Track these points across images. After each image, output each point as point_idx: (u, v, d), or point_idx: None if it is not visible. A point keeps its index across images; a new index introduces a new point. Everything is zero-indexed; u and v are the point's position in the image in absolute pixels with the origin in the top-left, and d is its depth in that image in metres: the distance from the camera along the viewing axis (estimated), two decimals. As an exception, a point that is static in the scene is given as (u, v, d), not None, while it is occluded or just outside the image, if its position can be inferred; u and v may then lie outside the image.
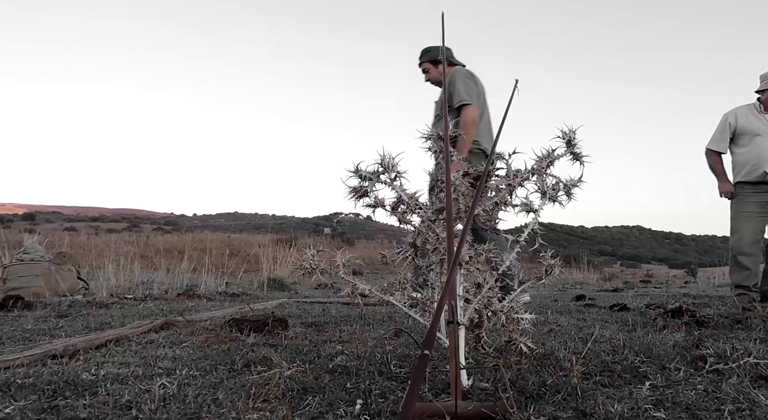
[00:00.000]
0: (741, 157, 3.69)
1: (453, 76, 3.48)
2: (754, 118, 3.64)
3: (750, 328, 2.02)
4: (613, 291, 5.56)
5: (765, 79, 3.63)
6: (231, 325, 1.99)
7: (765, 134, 3.58)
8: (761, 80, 3.64)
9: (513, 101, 1.54)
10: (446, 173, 1.43)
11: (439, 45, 3.64)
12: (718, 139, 3.80)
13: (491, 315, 1.46)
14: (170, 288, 4.53)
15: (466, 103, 3.34)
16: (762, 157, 3.56)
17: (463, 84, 3.41)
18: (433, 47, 3.67)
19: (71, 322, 2.25)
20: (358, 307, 2.92)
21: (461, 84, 3.41)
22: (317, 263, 1.51)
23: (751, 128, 3.63)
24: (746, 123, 3.65)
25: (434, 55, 3.64)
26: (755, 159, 3.59)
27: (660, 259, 47.87)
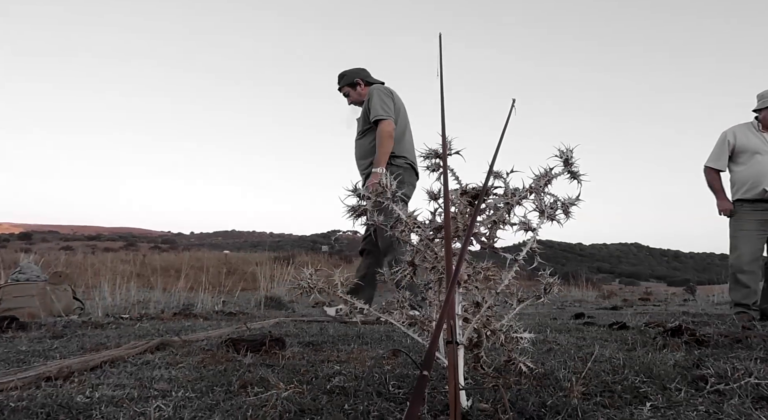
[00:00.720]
0: (740, 175, 3.71)
1: (371, 93, 3.64)
2: (752, 137, 3.67)
3: (750, 347, 2.01)
4: (612, 309, 5.54)
5: (762, 98, 3.67)
6: (228, 345, 1.97)
7: (764, 152, 3.60)
8: (758, 99, 3.69)
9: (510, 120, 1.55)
10: (444, 191, 1.43)
11: (353, 68, 3.79)
12: (718, 157, 3.82)
13: (490, 334, 1.45)
14: (166, 307, 4.50)
15: (381, 118, 3.48)
16: (761, 175, 3.58)
17: (379, 100, 3.56)
18: (348, 71, 3.81)
19: (66, 343, 2.23)
20: (356, 326, 2.89)
21: (377, 100, 3.56)
22: (315, 283, 1.50)
23: (750, 146, 3.65)
24: (745, 141, 3.68)
25: (350, 78, 3.79)
26: (754, 177, 3.61)
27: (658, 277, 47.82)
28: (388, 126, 3.47)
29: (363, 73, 3.82)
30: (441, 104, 1.49)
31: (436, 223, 1.55)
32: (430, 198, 1.61)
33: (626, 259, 74.40)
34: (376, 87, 3.66)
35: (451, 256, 1.29)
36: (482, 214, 1.53)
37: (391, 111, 3.54)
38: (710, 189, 3.89)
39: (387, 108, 3.53)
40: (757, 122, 3.70)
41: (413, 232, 1.56)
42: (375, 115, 3.50)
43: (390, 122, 3.48)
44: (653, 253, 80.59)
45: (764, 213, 3.63)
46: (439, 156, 1.58)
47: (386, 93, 3.63)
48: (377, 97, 3.57)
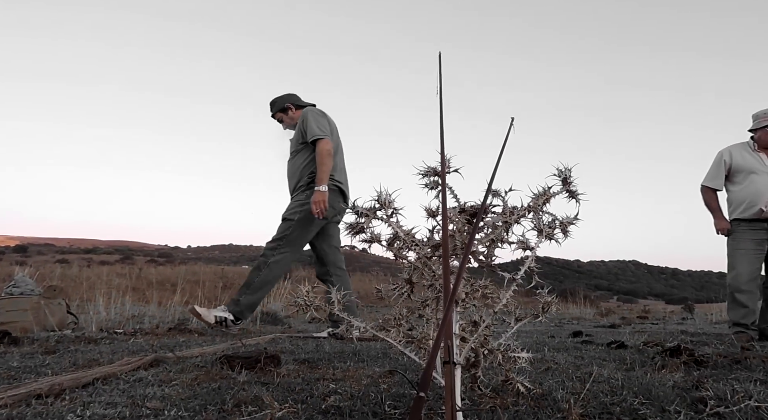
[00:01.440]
0: (737, 194, 3.73)
1: (304, 114, 3.72)
2: (748, 156, 3.69)
3: (750, 368, 1.99)
4: (610, 327, 5.51)
5: (757, 118, 3.70)
6: (222, 362, 1.94)
7: (760, 172, 3.62)
8: (754, 119, 3.71)
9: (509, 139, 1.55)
10: (442, 209, 1.43)
11: (283, 94, 3.91)
12: (714, 176, 3.84)
13: (488, 353, 1.43)
14: (161, 322, 4.46)
15: (319, 137, 3.56)
16: (758, 194, 3.59)
17: (314, 120, 3.64)
18: (277, 98, 3.94)
19: (58, 359, 2.20)
20: (353, 343, 2.87)
21: (312, 120, 3.64)
22: (311, 300, 1.49)
23: (746, 166, 3.67)
24: (741, 161, 3.70)
25: (281, 104, 3.91)
26: (751, 196, 3.62)
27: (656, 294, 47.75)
28: (327, 144, 3.55)
29: (293, 97, 3.95)
30: (440, 122, 1.49)
31: (434, 240, 1.54)
32: (428, 215, 1.60)
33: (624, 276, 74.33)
34: (309, 109, 3.76)
35: (449, 275, 1.28)
36: (480, 232, 1.53)
37: (327, 130, 3.62)
38: (707, 208, 3.90)
39: (323, 127, 3.62)
40: (753, 142, 3.72)
41: (411, 250, 1.56)
42: (312, 134, 3.59)
43: (328, 140, 3.57)
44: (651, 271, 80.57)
45: (761, 232, 3.63)
46: (437, 174, 1.58)
47: (320, 113, 3.74)
48: (312, 117, 3.66)
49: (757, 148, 3.68)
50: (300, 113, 3.84)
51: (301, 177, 3.68)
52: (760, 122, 3.66)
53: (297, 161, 3.73)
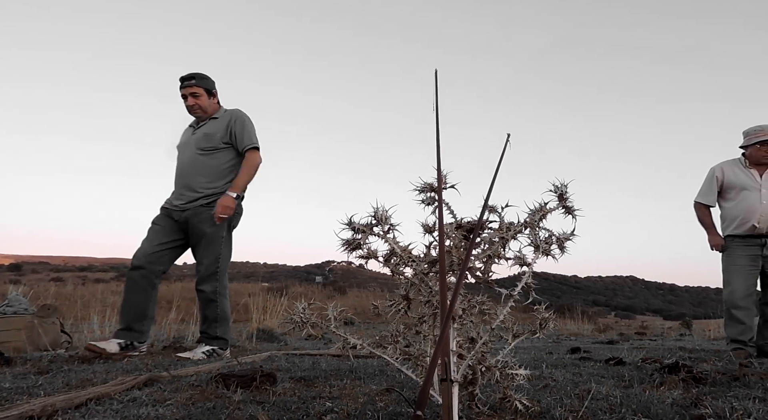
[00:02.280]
0: (730, 211, 3.75)
1: (241, 116, 3.43)
2: (740, 173, 3.72)
3: (748, 385, 1.98)
4: (608, 343, 5.49)
5: (747, 135, 3.73)
6: (217, 381, 1.92)
7: (752, 188, 3.65)
8: (744, 136, 3.75)
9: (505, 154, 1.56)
10: (439, 225, 1.43)
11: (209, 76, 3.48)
12: (707, 193, 3.87)
13: (485, 371, 1.42)
14: (156, 340, 4.42)
15: (256, 146, 3.38)
16: (750, 211, 3.62)
17: (252, 127, 3.42)
18: (207, 75, 3.48)
19: (51, 379, 2.17)
20: (349, 360, 2.84)
21: (251, 127, 3.42)
22: (308, 317, 1.48)
23: (738, 182, 3.70)
24: (733, 177, 3.73)
25: (210, 84, 3.46)
26: (743, 213, 3.64)
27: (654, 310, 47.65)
28: (259, 158, 3.38)
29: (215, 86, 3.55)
30: (437, 138, 1.50)
31: (431, 256, 1.54)
32: (425, 231, 1.61)
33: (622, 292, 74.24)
34: (244, 113, 3.46)
35: (446, 291, 1.27)
36: (477, 248, 1.53)
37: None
38: (701, 224, 3.92)
39: (257, 138, 3.42)
40: (744, 159, 3.76)
41: (408, 266, 1.55)
42: (251, 142, 3.35)
43: (259, 154, 3.39)
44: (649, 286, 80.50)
45: (755, 248, 3.65)
46: (434, 189, 1.59)
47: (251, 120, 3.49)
48: (250, 123, 3.42)
49: (748, 165, 3.71)
50: (218, 107, 3.49)
51: (220, 179, 3.33)
52: (750, 139, 3.70)
53: (215, 161, 3.34)
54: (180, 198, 3.33)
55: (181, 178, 3.39)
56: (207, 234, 3.25)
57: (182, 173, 3.39)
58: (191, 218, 3.27)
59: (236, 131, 3.37)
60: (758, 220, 3.58)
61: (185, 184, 3.34)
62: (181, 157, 3.46)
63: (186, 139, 3.50)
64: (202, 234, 3.25)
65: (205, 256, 3.25)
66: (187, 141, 3.46)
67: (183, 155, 3.44)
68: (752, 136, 3.69)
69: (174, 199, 3.37)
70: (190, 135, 3.47)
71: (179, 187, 3.38)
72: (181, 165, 3.42)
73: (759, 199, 3.60)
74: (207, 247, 3.25)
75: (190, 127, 3.54)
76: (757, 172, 3.68)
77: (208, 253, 3.25)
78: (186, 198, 3.31)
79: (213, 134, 3.36)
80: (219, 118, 3.44)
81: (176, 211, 3.31)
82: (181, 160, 3.44)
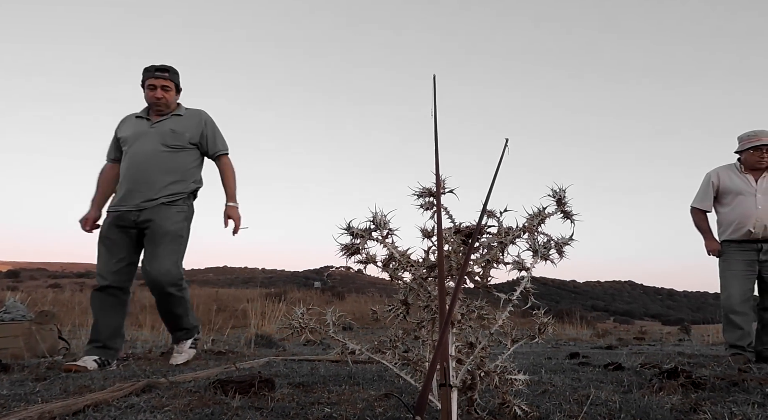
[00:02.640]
0: (726, 216, 3.77)
1: (212, 120, 3.31)
2: (736, 178, 3.74)
3: (747, 391, 1.98)
4: (607, 348, 5.48)
5: (741, 140, 3.75)
6: (215, 387, 1.91)
7: (747, 193, 3.66)
8: (739, 141, 3.77)
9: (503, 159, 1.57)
10: (437, 230, 1.43)
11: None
12: (703, 198, 3.89)
13: (484, 376, 1.42)
14: (154, 346, 4.40)
15: (228, 152, 3.31)
16: (746, 216, 3.63)
17: (220, 131, 3.34)
18: (179, 73, 3.29)
19: (49, 386, 2.16)
20: (348, 366, 2.84)
21: (219, 131, 3.33)
22: (306, 322, 1.48)
23: (734, 187, 3.72)
24: (729, 182, 3.75)
25: (179, 81, 3.27)
26: (739, 218, 3.66)
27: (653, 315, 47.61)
28: (231, 162, 3.32)
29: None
30: (435, 143, 1.50)
31: (430, 261, 1.54)
32: (423, 236, 1.61)
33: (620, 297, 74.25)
34: (209, 115, 3.33)
35: (445, 296, 1.27)
36: (476, 252, 1.53)
37: None
38: (698, 230, 3.94)
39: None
40: (740, 164, 3.77)
41: (407, 271, 1.56)
42: (224, 146, 3.29)
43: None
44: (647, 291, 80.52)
45: (752, 253, 3.66)
46: (433, 194, 1.59)
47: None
48: (217, 127, 3.33)
49: (744, 170, 3.73)
50: (177, 104, 3.28)
51: (184, 179, 3.15)
52: (743, 145, 3.71)
53: (180, 160, 3.15)
54: (136, 196, 3.05)
55: (139, 173, 3.08)
56: (171, 232, 3.05)
57: (141, 168, 3.08)
58: (152, 217, 3.04)
59: (208, 134, 3.25)
60: (754, 225, 3.59)
61: (145, 180, 3.07)
62: (136, 150, 3.12)
63: (141, 130, 3.17)
64: (165, 232, 3.04)
65: (166, 254, 3.03)
66: (143, 133, 3.15)
67: (140, 149, 3.11)
68: (746, 142, 3.71)
69: (127, 197, 3.07)
70: (146, 127, 3.17)
71: (135, 183, 3.07)
72: (139, 160, 3.10)
73: (755, 204, 3.62)
74: (169, 245, 3.05)
75: (141, 119, 3.22)
76: (752, 177, 3.69)
77: (169, 251, 3.05)
78: (143, 196, 3.05)
79: (182, 133, 3.17)
80: (183, 116, 3.24)
81: (133, 212, 3.04)
82: (137, 154, 3.11)
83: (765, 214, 3.59)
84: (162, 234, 3.04)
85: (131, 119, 3.26)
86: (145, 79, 3.17)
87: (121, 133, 3.21)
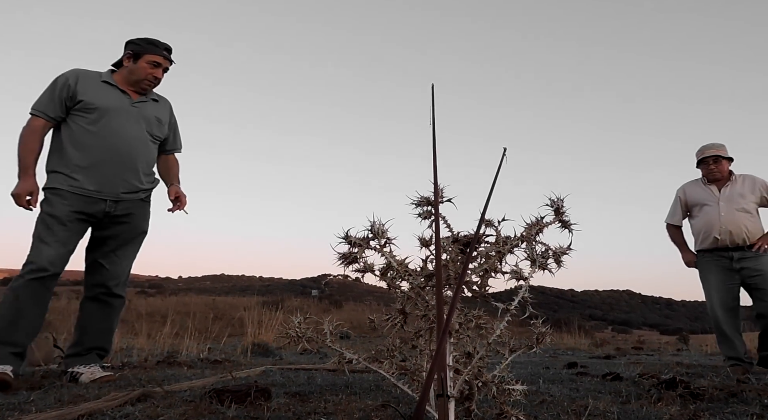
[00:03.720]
0: (695, 227, 3.93)
1: (172, 111, 2.98)
2: (701, 190, 3.89)
3: (746, 402, 1.97)
4: (605, 358, 5.47)
5: (698, 153, 3.91)
6: (211, 396, 1.90)
7: (711, 203, 3.81)
8: (696, 157, 3.91)
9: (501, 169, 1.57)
10: (435, 239, 1.43)
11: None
12: (673, 213, 4.05)
13: (482, 386, 1.41)
14: (150, 355, 4.38)
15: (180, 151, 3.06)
16: (710, 224, 3.76)
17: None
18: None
19: (43, 395, 2.14)
20: (345, 375, 2.82)
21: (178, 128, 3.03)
22: (304, 331, 1.47)
23: (699, 199, 3.87)
24: (695, 195, 3.91)
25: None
26: (706, 227, 3.79)
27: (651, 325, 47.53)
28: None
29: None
30: (433, 152, 1.50)
31: (428, 270, 1.54)
32: (421, 245, 1.61)
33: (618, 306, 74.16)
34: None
35: (443, 305, 1.27)
36: (474, 262, 1.53)
37: None
38: (674, 244, 4.10)
39: None
40: (703, 177, 3.90)
41: (404, 280, 1.55)
42: (180, 145, 3.04)
43: None
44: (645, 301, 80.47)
45: (726, 261, 3.76)
46: (431, 203, 1.59)
47: None
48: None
49: (707, 182, 3.89)
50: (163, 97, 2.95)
51: (154, 173, 2.88)
52: (696, 159, 3.90)
53: (151, 151, 2.82)
54: (118, 184, 2.65)
55: (125, 158, 2.66)
56: (143, 233, 2.80)
57: (126, 152, 2.67)
58: (131, 212, 2.71)
59: (175, 129, 2.98)
60: (719, 232, 3.71)
61: (131, 168, 2.69)
62: (118, 129, 2.66)
63: (121, 105, 2.70)
64: (140, 232, 2.78)
65: (126, 256, 2.75)
66: (124, 110, 2.70)
67: (123, 129, 2.68)
68: (698, 155, 3.89)
69: (105, 183, 2.62)
70: (126, 103, 2.71)
71: (119, 168, 2.65)
72: (124, 142, 2.67)
73: (718, 212, 3.75)
74: (134, 246, 2.78)
75: (114, 88, 2.72)
76: (716, 187, 3.84)
77: (129, 253, 2.77)
78: (126, 186, 2.67)
79: (163, 124, 2.87)
80: (159, 102, 2.89)
81: (108, 201, 2.63)
82: (121, 135, 2.66)
83: (728, 220, 3.71)
84: (137, 233, 2.78)
85: (96, 82, 2.70)
86: (146, 52, 2.73)
87: (88, 96, 2.64)
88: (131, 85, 2.74)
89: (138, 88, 2.75)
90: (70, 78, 2.65)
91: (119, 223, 2.69)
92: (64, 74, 2.68)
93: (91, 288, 2.72)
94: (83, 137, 2.61)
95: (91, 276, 2.73)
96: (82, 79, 2.67)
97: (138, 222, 2.76)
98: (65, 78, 2.65)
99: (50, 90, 2.64)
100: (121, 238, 2.71)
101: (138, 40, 2.76)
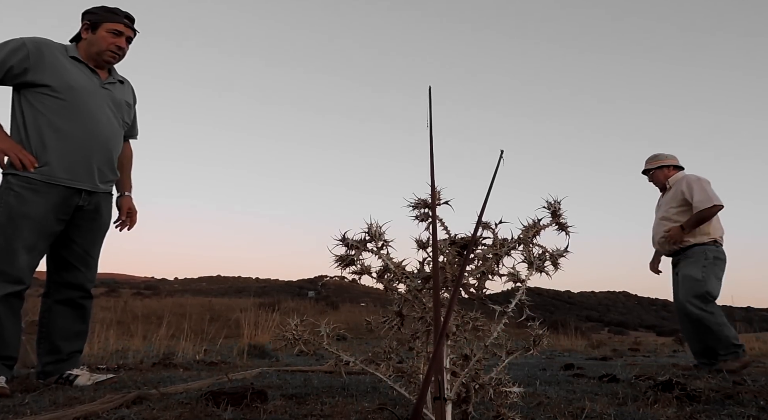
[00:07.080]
0: None
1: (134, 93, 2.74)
2: (658, 201, 3.99)
3: (742, 404, 1.97)
4: (601, 359, 5.48)
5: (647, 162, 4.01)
6: (207, 398, 1.89)
7: (657, 212, 3.93)
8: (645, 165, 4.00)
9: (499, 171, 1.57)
10: (433, 241, 1.43)
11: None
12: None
13: (479, 388, 1.41)
14: (146, 357, 4.36)
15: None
16: (654, 233, 3.90)
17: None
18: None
19: (38, 398, 2.13)
20: (342, 377, 2.82)
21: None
22: (300, 334, 1.47)
23: (656, 210, 3.98)
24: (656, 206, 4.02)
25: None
26: (652, 235, 3.94)
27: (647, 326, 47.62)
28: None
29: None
30: (430, 155, 1.50)
31: (425, 272, 1.54)
32: (418, 247, 1.60)
33: (615, 307, 74.32)
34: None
35: (440, 307, 1.27)
36: (471, 264, 1.52)
37: None
38: None
39: None
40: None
41: (401, 282, 1.55)
42: (137, 132, 2.79)
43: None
44: (642, 302, 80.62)
45: (676, 267, 3.83)
46: (428, 206, 1.59)
47: None
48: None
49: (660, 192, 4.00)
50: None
51: (115, 165, 2.57)
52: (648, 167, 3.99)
53: (121, 139, 2.60)
54: (94, 173, 2.41)
55: (100, 145, 2.41)
56: (106, 229, 2.58)
57: (101, 139, 2.42)
58: (101, 206, 2.51)
59: (135, 113, 2.72)
60: (655, 241, 3.85)
61: (106, 157, 2.46)
62: (92, 113, 2.39)
63: (90, 86, 2.42)
64: (105, 228, 2.57)
65: (98, 254, 2.56)
66: (94, 92, 2.42)
67: (96, 114, 2.40)
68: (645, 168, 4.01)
69: (81, 172, 2.37)
70: (95, 84, 2.44)
71: (95, 154, 2.40)
72: (98, 127, 2.40)
73: (657, 222, 3.85)
74: (100, 243, 2.57)
75: (82, 65, 2.43)
76: (661, 195, 3.94)
77: (99, 250, 2.57)
78: (101, 176, 2.46)
79: (130, 109, 2.64)
80: (125, 84, 2.63)
81: (83, 193, 2.39)
82: (94, 119, 2.39)
83: (654, 231, 3.86)
84: (105, 229, 2.57)
85: (63, 56, 2.39)
86: (105, 21, 2.43)
87: (55, 72, 2.33)
88: (93, 60, 2.44)
89: (101, 61, 2.46)
90: (29, 46, 2.29)
91: (88, 219, 2.46)
92: (22, 39, 2.30)
93: (63, 290, 2.49)
94: (54, 118, 2.31)
95: (59, 276, 2.47)
96: (42, 45, 2.33)
97: (106, 220, 2.56)
98: (22, 43, 2.28)
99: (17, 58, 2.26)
100: (91, 236, 2.50)
101: (94, 8, 2.46)
